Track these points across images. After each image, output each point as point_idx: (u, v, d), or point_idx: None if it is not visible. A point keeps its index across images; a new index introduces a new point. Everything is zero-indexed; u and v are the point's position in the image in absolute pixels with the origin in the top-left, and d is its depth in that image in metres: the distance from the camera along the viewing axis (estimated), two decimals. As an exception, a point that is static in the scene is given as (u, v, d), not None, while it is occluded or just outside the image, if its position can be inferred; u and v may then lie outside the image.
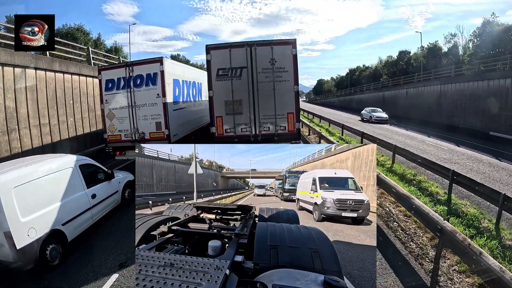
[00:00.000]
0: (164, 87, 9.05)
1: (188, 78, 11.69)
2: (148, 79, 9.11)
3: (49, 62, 10.60)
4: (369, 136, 14.03)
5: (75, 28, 25.41)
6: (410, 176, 9.21)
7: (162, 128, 9.21)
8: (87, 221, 5.62)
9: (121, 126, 9.44)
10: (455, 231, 4.20)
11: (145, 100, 9.16)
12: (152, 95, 9.09)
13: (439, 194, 7.69)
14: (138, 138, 9.33)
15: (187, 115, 11.33)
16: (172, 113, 9.55)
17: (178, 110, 10.34)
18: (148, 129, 9.29)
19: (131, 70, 9.12)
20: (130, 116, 9.29)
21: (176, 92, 10.30)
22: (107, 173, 6.60)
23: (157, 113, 9.16)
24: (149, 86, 9.11)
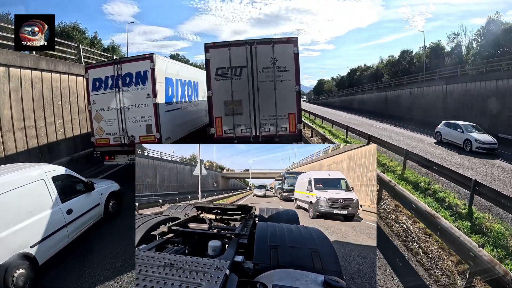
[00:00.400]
0: (155, 86, 8.38)
1: (183, 76, 11.04)
2: (137, 78, 8.45)
3: (35, 61, 9.78)
4: (376, 138, 13.28)
5: (71, 27, 25.08)
6: (424, 185, 8.48)
7: (153, 131, 8.54)
8: (62, 241, 4.88)
9: (109, 129, 8.79)
10: (493, 262, 3.60)
11: (135, 100, 8.52)
12: (142, 95, 8.45)
13: (458, 206, 7.03)
14: (127, 142, 8.66)
15: (181, 116, 10.68)
16: (164, 115, 8.94)
17: (171, 111, 9.69)
18: (138, 132, 8.64)
19: (119, 68, 8.46)
20: (118, 118, 8.63)
21: (169, 92, 9.60)
22: (86, 184, 5.84)
23: (148, 114, 8.50)
24: (138, 86, 8.45)
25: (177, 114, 10.20)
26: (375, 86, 40.01)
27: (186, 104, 11.45)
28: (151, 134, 8.59)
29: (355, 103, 44.88)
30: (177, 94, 10.37)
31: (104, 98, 8.67)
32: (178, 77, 10.51)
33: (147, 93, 8.43)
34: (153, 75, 8.36)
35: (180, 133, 10.42)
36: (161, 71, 8.91)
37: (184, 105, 11.19)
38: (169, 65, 10.01)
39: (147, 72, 8.39)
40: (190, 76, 12.05)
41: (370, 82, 43.50)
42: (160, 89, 8.70)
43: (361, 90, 44.63)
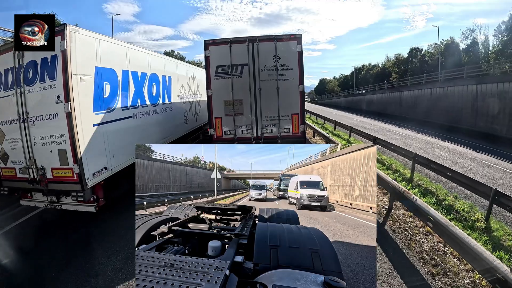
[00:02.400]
0: (68, 83, 5.05)
1: (139, 67, 7.61)
2: (43, 69, 5.22)
3: None
4: (382, 141, 12.50)
5: None
6: (450, 202, 7.28)
7: (69, 162, 5.25)
8: None
9: (14, 153, 5.64)
10: None
11: (41, 107, 5.28)
12: (50, 99, 5.17)
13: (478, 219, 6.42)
14: (37, 176, 5.48)
15: (135, 129, 7.28)
16: (94, 132, 5.62)
17: (111, 123, 6.23)
18: (49, 161, 5.39)
19: (21, 55, 5.33)
20: (22, 136, 5.45)
21: (106, 92, 6.13)
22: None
23: (60, 132, 5.21)
24: (44, 82, 5.21)
25: (125, 127, 6.76)
26: (386, 85, 36.24)
27: (147, 108, 7.99)
28: (67, 167, 5.28)
29: (363, 104, 41.16)
30: (126, 94, 6.93)
31: (3, 105, 5.56)
32: (129, 67, 7.09)
33: (56, 94, 5.13)
34: (65, 63, 5.05)
35: (134, 154, 7.50)
36: (85, 56, 5.54)
37: (142, 110, 7.71)
38: (107, 47, 6.24)
39: (56, 59, 5.11)
40: (155, 68, 8.55)
41: (376, 81, 41.32)
42: (81, 88, 5.34)
43: (370, 89, 40.97)
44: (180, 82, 10.15)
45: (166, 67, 9.41)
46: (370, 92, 40.13)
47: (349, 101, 48.56)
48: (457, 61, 29.15)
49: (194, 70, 13.13)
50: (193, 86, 12.47)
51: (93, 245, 5.48)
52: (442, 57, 32.46)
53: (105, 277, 4.46)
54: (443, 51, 33.73)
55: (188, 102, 11.70)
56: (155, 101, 8.55)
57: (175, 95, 9.92)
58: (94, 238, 5.72)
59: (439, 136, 17.84)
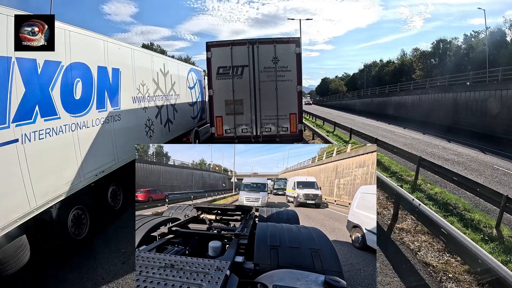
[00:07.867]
0: None
1: (44, 54, 4.39)
2: None
3: None
4: (384, 143, 12.38)
5: None
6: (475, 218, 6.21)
7: None
8: None
9: None
10: None
11: None
12: None
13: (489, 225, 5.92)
14: None
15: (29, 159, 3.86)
16: None
17: None
18: None
19: None
20: None
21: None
22: None
23: None
24: None
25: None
26: (428, 84, 26.81)
27: (60, 122, 4.51)
28: None
29: (389, 107, 31.74)
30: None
31: None
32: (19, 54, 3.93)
33: None
34: None
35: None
36: None
37: (47, 126, 4.27)
38: None
39: None
40: (82, 55, 5.10)
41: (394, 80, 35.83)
42: None
43: (399, 89, 31.70)
44: (139, 78, 7.19)
45: (109, 54, 5.94)
46: (400, 93, 30.80)
47: (367, 104, 38.85)
48: (504, 54, 23.89)
49: (166, 63, 9.49)
50: (164, 83, 9.18)
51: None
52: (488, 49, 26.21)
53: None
54: (485, 44, 27.03)
55: (154, 107, 8.30)
56: (81, 109, 5.08)
57: (126, 98, 6.66)
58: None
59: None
